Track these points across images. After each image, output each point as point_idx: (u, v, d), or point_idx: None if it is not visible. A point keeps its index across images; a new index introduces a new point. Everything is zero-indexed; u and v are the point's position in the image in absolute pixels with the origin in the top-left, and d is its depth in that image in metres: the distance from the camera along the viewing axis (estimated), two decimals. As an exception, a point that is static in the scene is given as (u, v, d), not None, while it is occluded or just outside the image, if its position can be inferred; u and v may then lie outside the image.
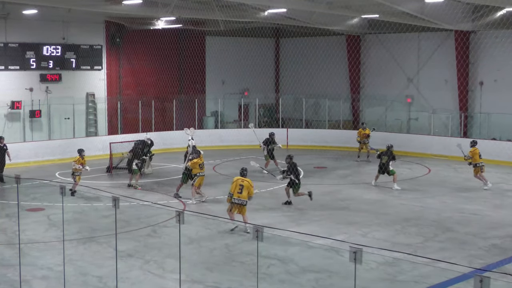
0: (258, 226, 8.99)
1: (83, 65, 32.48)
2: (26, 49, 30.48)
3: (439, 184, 23.68)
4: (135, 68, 34.94)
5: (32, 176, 24.33)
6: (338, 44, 36.96)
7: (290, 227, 16.86)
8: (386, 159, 22.68)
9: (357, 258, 7.82)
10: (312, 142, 31.81)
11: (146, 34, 33.97)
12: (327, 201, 20.52)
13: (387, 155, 22.74)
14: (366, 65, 36.69)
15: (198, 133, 32.61)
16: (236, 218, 16.45)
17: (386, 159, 22.68)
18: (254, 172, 23.30)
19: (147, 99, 33.36)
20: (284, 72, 39.81)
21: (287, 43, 39.83)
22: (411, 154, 30.28)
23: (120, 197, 10.70)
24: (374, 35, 35.44)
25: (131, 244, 15.32)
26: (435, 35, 33.15)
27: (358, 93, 36.79)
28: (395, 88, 35.18)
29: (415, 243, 15.60)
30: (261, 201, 20.28)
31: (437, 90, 33.45)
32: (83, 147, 22.17)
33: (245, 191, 16.33)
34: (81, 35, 32.41)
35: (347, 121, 36.41)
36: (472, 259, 14.30)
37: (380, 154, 22.97)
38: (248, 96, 38.15)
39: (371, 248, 12.55)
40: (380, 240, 15.85)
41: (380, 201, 20.62)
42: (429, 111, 32.81)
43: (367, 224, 17.53)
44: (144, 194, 21.57)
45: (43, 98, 31.18)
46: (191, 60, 36.32)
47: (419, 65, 34.47)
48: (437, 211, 19.20)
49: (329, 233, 16.41)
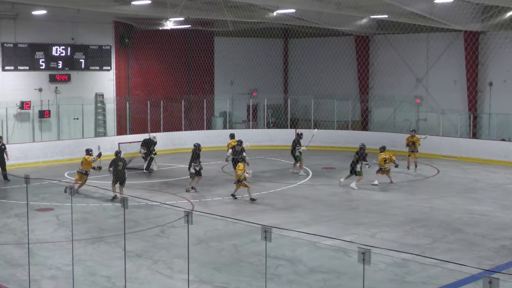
0: (266, 227, 9.00)
1: (92, 66, 32.56)
2: (36, 49, 30.57)
3: (448, 185, 23.62)
4: (143, 68, 35.01)
5: (41, 176, 24.41)
6: (346, 45, 36.91)
7: (298, 227, 16.85)
8: (355, 158, 22.48)
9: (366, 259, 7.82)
10: (320, 143, 31.72)
11: (154, 34, 34.02)
12: (336, 202, 20.50)
13: (358, 154, 22.51)
14: (375, 65, 36.63)
15: (207, 133, 32.78)
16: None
17: (356, 158, 22.46)
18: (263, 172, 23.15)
19: (155, 99, 33.40)
20: (293, 73, 39.79)
21: (295, 43, 39.82)
22: (420, 155, 30.16)
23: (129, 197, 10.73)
24: (383, 35, 35.38)
25: (140, 244, 15.35)
26: (444, 36, 33.06)
27: (367, 93, 36.73)
28: (404, 88, 35.10)
29: (423, 244, 15.57)
30: (269, 202, 20.29)
31: (446, 90, 33.35)
32: (93, 147, 22.26)
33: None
34: (90, 36, 32.49)
35: (356, 121, 36.35)
36: (481, 260, 14.26)
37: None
38: (256, 96, 38.15)
39: (380, 249, 12.54)
40: (388, 241, 15.83)
41: (389, 201, 20.58)
42: (438, 111, 32.71)
43: (375, 224, 17.51)
44: (152, 194, 21.61)
45: (52, 98, 31.28)
46: (200, 61, 36.36)
47: (428, 66, 34.38)
48: (446, 212, 19.15)
49: (337, 233, 16.40)
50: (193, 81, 36.76)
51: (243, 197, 20.84)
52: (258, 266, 13.64)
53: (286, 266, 13.71)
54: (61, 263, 13.93)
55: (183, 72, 36.50)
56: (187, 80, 36.76)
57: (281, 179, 24.42)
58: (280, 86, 40.27)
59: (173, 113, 34.35)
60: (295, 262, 14.00)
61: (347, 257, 14.19)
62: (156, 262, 14.10)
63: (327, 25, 31.52)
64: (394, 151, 29.63)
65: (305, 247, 15.06)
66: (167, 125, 33.32)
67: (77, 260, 13.59)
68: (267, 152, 30.72)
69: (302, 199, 20.34)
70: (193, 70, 36.72)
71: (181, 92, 35.30)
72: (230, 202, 20.42)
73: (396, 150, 30.16)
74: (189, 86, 36.80)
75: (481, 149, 29.12)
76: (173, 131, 32.76)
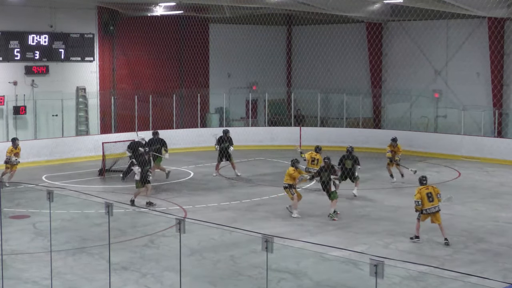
0: (267, 236, 9.01)
1: (73, 56, 32.54)
2: (10, 38, 30.55)
3: (470, 189, 23.63)
4: (130, 59, 35.02)
5: (16, 179, 24.41)
6: (357, 33, 36.92)
7: (303, 237, 16.85)
8: (351, 163, 21.86)
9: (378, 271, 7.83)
10: (328, 142, 31.71)
11: (143, 21, 34.02)
12: (344, 208, 20.49)
13: (350, 159, 21.88)
14: (388, 56, 36.63)
15: (201, 131, 32.78)
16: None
17: (350, 164, 21.84)
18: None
19: (144, 94, 33.42)
20: (297, 64, 39.79)
21: (300, 31, 39.83)
22: (439, 156, 30.21)
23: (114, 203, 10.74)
24: (398, 22, 35.39)
25: (126, 256, 15.36)
26: (465, 23, 33.06)
27: (380, 87, 36.74)
28: (421, 82, 35.10)
29: (442, 255, 15.59)
30: (270, 208, 20.30)
31: (468, 84, 33.35)
32: (73, 147, 22.36)
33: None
34: (71, 23, 32.47)
35: (367, 118, 36.37)
36: (507, 273, 14.27)
37: (341, 159, 22.01)
38: (256, 90, 38.16)
39: (394, 261, 12.55)
40: (403, 251, 15.84)
41: (404, 207, 20.56)
42: (459, 107, 32.72)
43: (389, 233, 17.52)
44: (140, 199, 21.61)
45: (28, 92, 31.29)
46: (193, 51, 36.33)
47: (447, 56, 34.40)
48: (467, 219, 19.16)
49: (346, 243, 16.40)
50: (185, 73, 36.76)
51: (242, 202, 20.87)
52: (258, 280, 13.64)
53: (290, 280, 13.72)
54: (38, 276, 13.93)
55: (175, 63, 36.51)
56: (179, 73, 36.78)
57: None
58: (282, 79, 40.29)
59: (163, 109, 34.36)
60: (299, 276, 14.01)
61: (357, 270, 14.19)
62: (144, 275, 14.10)
63: (335, 10, 31.52)
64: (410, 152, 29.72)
65: (310, 259, 15.07)
66: (157, 123, 33.33)
67: (56, 273, 13.59)
68: (268, 153, 30.75)
69: (307, 205, 20.34)
70: (186, 61, 36.72)
71: (172, 86, 35.31)
72: (227, 208, 20.44)
73: (412, 150, 30.24)
74: (181, 79, 36.82)
75: (507, 149, 29.11)
76: (164, 129, 32.72)
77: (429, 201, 16.57)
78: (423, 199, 16.53)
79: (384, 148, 25.28)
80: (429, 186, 16.87)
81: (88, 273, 14.23)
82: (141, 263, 14.90)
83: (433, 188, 16.82)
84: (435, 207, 16.62)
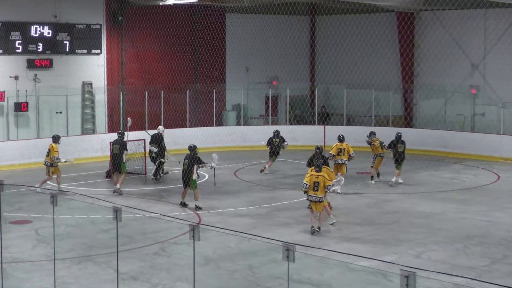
0: (288, 244, 9.00)
1: (79, 49, 32.67)
2: (11, 29, 30.72)
3: (510, 194, 23.52)
4: (140, 52, 35.12)
5: (17, 181, 24.55)
6: (387, 23, 36.83)
7: (327, 245, 16.85)
8: (403, 147, 24.37)
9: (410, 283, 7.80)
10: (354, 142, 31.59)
11: (154, 11, 34.11)
12: (373, 214, 20.46)
13: (401, 143, 24.43)
14: (421, 48, 36.51)
15: (216, 130, 32.79)
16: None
17: (402, 148, 24.35)
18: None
19: (155, 89, 33.51)
20: (321, 57, 39.75)
21: (325, 21, 39.79)
22: (476, 157, 30.07)
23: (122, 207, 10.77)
24: (431, 11, 35.26)
25: (135, 265, 15.41)
26: (505, 12, 32.91)
27: (412, 82, 36.62)
28: (456, 76, 34.97)
29: (480, 266, 15.52)
30: (292, 214, 20.28)
31: (507, 79, 33.19)
32: (79, 147, 22.43)
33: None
34: (76, 13, 32.60)
35: (398, 116, 36.28)
36: (551, 286, 14.17)
37: (394, 142, 24.48)
38: (277, 86, 38.16)
39: (427, 272, 12.50)
40: (437, 262, 15.79)
41: (437, 214, 20.51)
42: (498, 104, 32.57)
43: (421, 242, 17.46)
44: (151, 204, 21.66)
45: (31, 88, 31.44)
46: (209, 43, 36.39)
47: (486, 49, 34.24)
48: (507, 226, 19.06)
49: (374, 252, 16.37)
50: (200, 67, 36.83)
51: (261, 207, 20.88)
52: (278, 292, 13.64)
53: (313, 292, 13.71)
54: (40, 286, 14.00)
55: (188, 56, 36.58)
56: (193, 67, 36.85)
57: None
58: (305, 74, 40.26)
59: (176, 106, 34.43)
60: (323, 287, 13.98)
61: (386, 281, 14.16)
62: (155, 286, 14.14)
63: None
64: (445, 153, 29.62)
65: (335, 269, 15.05)
66: (169, 121, 33.38)
67: (60, 283, 13.66)
68: (289, 154, 30.68)
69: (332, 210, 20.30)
70: (201, 55, 36.80)
71: (186, 81, 35.39)
72: (245, 214, 20.44)
73: (447, 151, 30.14)
74: (196, 74, 36.88)
75: (551, 150, 29.00)
76: (176, 128, 32.82)
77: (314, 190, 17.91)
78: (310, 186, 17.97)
79: (418, 149, 25.54)
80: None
81: (94, 283, 14.28)
82: (152, 273, 14.93)
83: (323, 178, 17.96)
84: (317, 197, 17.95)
